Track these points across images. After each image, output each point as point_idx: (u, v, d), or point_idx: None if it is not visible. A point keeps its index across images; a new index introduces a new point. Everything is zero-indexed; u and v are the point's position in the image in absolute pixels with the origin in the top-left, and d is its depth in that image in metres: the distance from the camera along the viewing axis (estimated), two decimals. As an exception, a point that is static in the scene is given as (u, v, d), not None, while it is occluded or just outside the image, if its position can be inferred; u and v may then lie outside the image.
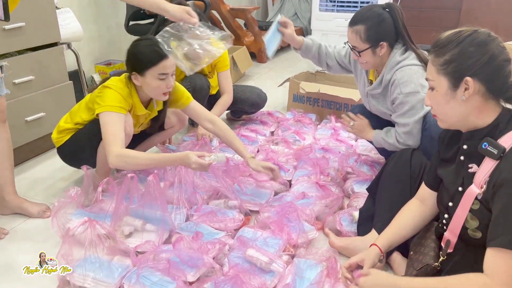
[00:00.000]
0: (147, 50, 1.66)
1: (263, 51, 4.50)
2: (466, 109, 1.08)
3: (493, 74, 1.04)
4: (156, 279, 1.30)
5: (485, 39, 1.05)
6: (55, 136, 1.85)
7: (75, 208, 1.66)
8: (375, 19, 1.67)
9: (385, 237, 1.30)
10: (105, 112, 1.65)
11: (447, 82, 1.07)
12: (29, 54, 2.17)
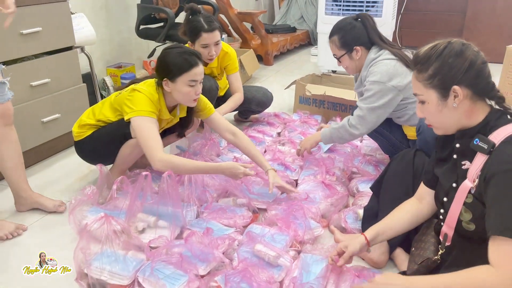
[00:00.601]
0: (179, 58, 1.74)
1: (270, 54, 4.57)
2: (458, 114, 1.15)
3: (476, 78, 1.12)
4: (169, 272, 1.37)
5: (461, 48, 1.12)
6: (76, 130, 1.91)
7: (90, 206, 1.73)
8: (346, 27, 1.93)
9: (374, 229, 1.36)
10: (139, 116, 1.72)
11: (436, 94, 1.15)
12: (46, 57, 2.26)
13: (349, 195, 1.95)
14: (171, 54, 1.76)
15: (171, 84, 1.77)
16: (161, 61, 1.78)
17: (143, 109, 1.72)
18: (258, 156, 1.92)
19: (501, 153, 1.07)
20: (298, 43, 5.27)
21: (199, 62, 1.77)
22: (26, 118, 2.16)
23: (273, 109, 3.15)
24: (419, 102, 1.20)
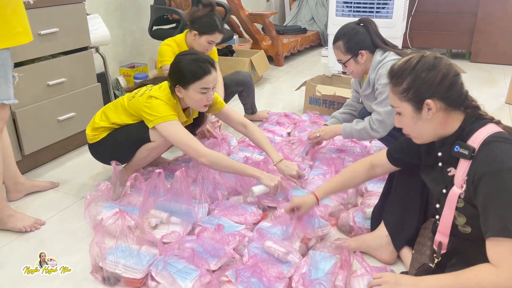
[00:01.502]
0: (193, 65, 1.77)
1: (280, 54, 4.60)
2: (433, 125, 1.20)
3: (448, 91, 1.16)
4: (181, 266, 1.41)
5: (433, 62, 1.17)
6: (90, 133, 1.96)
7: (105, 201, 1.78)
8: (350, 33, 1.99)
9: (324, 190, 1.59)
10: (166, 122, 1.77)
11: (411, 107, 1.20)
12: (62, 57, 2.31)
13: (357, 194, 1.97)
14: (184, 61, 1.80)
15: (184, 90, 1.81)
16: (174, 67, 1.82)
17: (167, 114, 1.77)
18: (268, 148, 1.98)
19: (483, 156, 1.11)
20: (308, 44, 5.29)
21: (212, 70, 1.80)
22: (42, 116, 2.22)
23: (283, 109, 3.19)
24: (396, 113, 1.26)
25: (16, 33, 1.57)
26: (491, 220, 1.06)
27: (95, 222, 1.70)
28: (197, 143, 1.78)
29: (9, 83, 1.60)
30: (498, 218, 1.05)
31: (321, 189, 1.59)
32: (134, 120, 1.88)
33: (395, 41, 3.97)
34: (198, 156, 1.76)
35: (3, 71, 1.56)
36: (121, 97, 1.96)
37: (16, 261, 1.59)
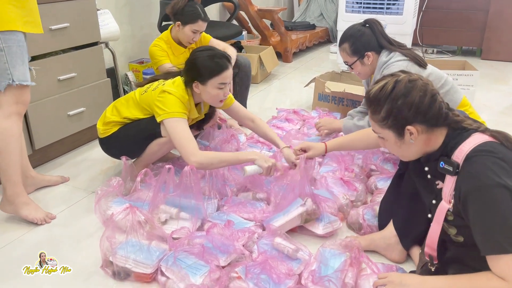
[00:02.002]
0: (210, 62, 1.79)
1: (289, 51, 4.59)
2: (417, 146, 1.22)
3: (427, 114, 1.16)
4: (191, 262, 1.41)
5: (407, 88, 1.17)
6: (101, 127, 1.96)
7: (115, 196, 1.79)
8: (355, 34, 1.99)
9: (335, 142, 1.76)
10: (172, 118, 1.77)
11: (393, 134, 1.22)
12: (72, 52, 2.32)
13: (367, 192, 1.97)
14: (202, 57, 1.81)
15: (201, 86, 1.82)
16: (191, 63, 1.83)
17: (175, 110, 1.77)
18: (274, 138, 2.02)
19: (466, 172, 1.10)
20: (317, 41, 5.27)
21: (229, 65, 1.82)
22: (53, 111, 2.24)
23: (291, 106, 3.18)
24: (380, 137, 1.27)
25: (26, 22, 1.61)
26: (482, 238, 1.07)
27: (105, 217, 1.71)
28: (192, 144, 1.74)
29: (25, 65, 1.63)
30: (488, 236, 1.05)
31: (332, 141, 1.71)
32: (146, 114, 1.88)
33: (405, 38, 3.95)
34: (188, 155, 1.72)
35: (19, 52, 1.60)
36: (133, 91, 1.96)
37: (28, 254, 1.60)
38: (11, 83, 1.60)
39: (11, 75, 1.59)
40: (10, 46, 1.57)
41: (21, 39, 1.61)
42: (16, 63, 1.59)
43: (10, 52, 1.57)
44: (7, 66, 1.58)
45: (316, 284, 1.34)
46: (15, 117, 1.66)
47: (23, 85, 1.64)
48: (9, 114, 1.64)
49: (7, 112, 1.63)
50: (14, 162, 1.68)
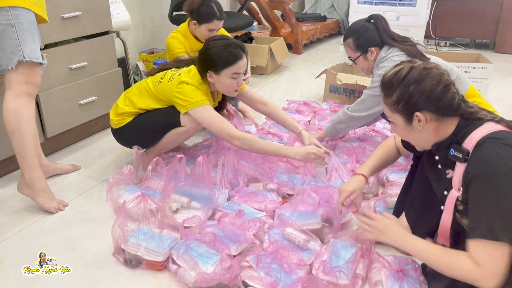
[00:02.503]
0: (225, 51, 1.79)
1: (299, 42, 4.56)
2: (426, 134, 1.22)
3: (438, 103, 1.16)
4: (202, 250, 1.42)
5: (421, 75, 1.17)
6: (114, 118, 1.96)
7: (126, 185, 1.80)
8: (359, 30, 2.01)
9: (369, 168, 1.56)
10: (199, 107, 1.80)
11: (402, 119, 1.22)
12: (84, 41, 2.32)
13: (378, 184, 1.96)
14: (216, 47, 1.81)
15: (215, 76, 1.83)
16: (206, 53, 1.83)
17: (199, 99, 1.80)
18: (289, 121, 2.04)
19: (475, 158, 1.10)
20: (328, 32, 5.23)
21: (244, 55, 1.82)
22: (64, 100, 2.24)
23: (301, 97, 3.16)
24: (391, 122, 1.28)
25: (35, 3, 1.61)
26: (477, 221, 1.08)
27: (116, 205, 1.72)
28: (230, 127, 1.82)
29: (36, 43, 1.63)
30: (484, 220, 1.06)
31: (366, 168, 1.55)
32: (162, 105, 1.88)
33: (418, 30, 3.92)
34: (232, 139, 1.80)
35: (30, 29, 1.60)
36: (144, 80, 1.95)
37: (40, 241, 1.62)
38: (21, 59, 1.59)
39: (22, 52, 1.59)
40: (21, 22, 1.57)
41: (32, 17, 1.60)
42: (26, 39, 1.59)
43: (21, 29, 1.57)
44: (18, 42, 1.58)
45: (327, 274, 1.34)
46: (26, 97, 1.65)
47: (34, 62, 1.63)
48: (19, 94, 1.63)
49: (18, 91, 1.63)
50: (28, 144, 1.67)
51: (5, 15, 1.54)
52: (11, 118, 1.63)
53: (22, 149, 1.66)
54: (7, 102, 1.63)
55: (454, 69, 1.99)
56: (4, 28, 1.56)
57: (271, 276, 1.32)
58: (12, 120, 1.63)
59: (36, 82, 1.69)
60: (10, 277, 1.44)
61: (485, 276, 1.05)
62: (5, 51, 1.59)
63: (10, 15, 1.55)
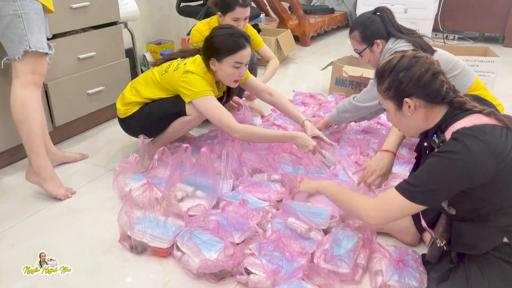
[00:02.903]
0: (229, 40, 1.81)
1: (307, 34, 4.55)
2: (416, 121, 1.28)
3: (426, 89, 1.22)
4: (206, 238, 1.45)
5: (410, 63, 1.24)
6: (121, 107, 1.99)
7: (133, 173, 1.83)
8: (365, 22, 2.01)
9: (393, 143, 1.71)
10: (203, 97, 1.82)
11: (393, 105, 1.29)
12: (92, 32, 2.35)
13: (382, 176, 1.97)
14: (220, 35, 1.82)
15: (217, 63, 1.84)
16: (210, 40, 1.84)
17: (203, 89, 1.81)
18: (293, 111, 2.05)
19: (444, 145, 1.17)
20: (335, 25, 5.21)
21: (247, 45, 1.83)
22: (72, 89, 2.28)
23: (308, 89, 3.17)
24: (385, 109, 1.34)
25: None
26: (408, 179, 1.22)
27: (123, 193, 1.75)
28: (231, 119, 1.83)
29: (42, 33, 1.65)
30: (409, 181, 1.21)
31: (391, 144, 1.70)
32: (168, 94, 1.90)
33: (425, 23, 3.89)
34: (231, 131, 1.83)
35: (36, 19, 1.62)
36: (150, 70, 1.98)
37: (49, 226, 1.66)
38: (28, 49, 1.62)
39: (28, 42, 1.61)
40: (28, 12, 1.59)
41: (38, 7, 1.62)
42: (33, 29, 1.61)
43: (28, 18, 1.59)
44: (25, 32, 1.60)
45: (328, 263, 1.37)
46: (32, 86, 1.68)
47: (40, 52, 1.66)
48: (26, 83, 1.66)
49: (24, 81, 1.66)
50: (35, 133, 1.70)
51: (12, 5, 1.57)
52: (18, 107, 1.66)
53: (29, 138, 1.70)
54: (14, 91, 1.66)
55: (460, 62, 1.99)
56: (11, 19, 1.58)
57: (273, 264, 1.35)
58: (20, 109, 1.66)
59: (42, 71, 1.71)
60: (19, 259, 1.48)
61: (373, 212, 1.27)
62: (12, 41, 1.61)
63: (18, 5, 1.57)
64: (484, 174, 1.10)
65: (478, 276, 1.14)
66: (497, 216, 1.14)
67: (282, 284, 1.29)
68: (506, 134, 1.14)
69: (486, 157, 1.09)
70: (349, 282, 1.38)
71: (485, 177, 1.11)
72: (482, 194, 1.14)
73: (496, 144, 1.10)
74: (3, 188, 1.90)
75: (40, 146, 1.74)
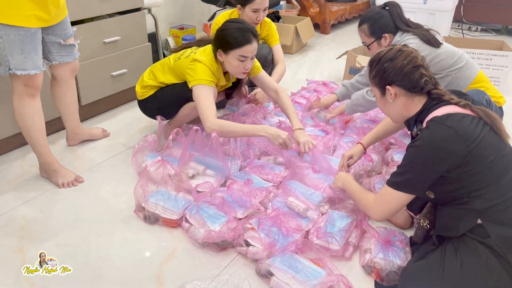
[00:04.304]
0: (235, 33, 1.89)
1: (327, 22, 4.60)
2: (398, 107, 1.43)
3: (405, 78, 1.37)
4: (212, 212, 1.60)
5: (395, 55, 1.39)
6: (139, 90, 2.15)
7: (150, 151, 1.99)
8: (374, 16, 2.10)
9: (368, 138, 1.85)
10: (199, 85, 1.92)
11: (378, 91, 1.46)
12: (118, 17, 2.50)
13: (383, 163, 2.07)
14: (229, 28, 1.92)
15: (224, 55, 1.94)
16: (219, 33, 1.95)
17: (203, 78, 1.91)
18: (292, 115, 2.08)
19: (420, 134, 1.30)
20: (357, 13, 5.22)
21: (254, 40, 1.91)
22: (98, 71, 2.44)
23: (322, 77, 3.25)
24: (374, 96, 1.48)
25: (29, 15, 1.61)
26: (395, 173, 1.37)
27: (140, 169, 1.92)
28: (211, 112, 1.86)
29: (25, 55, 1.65)
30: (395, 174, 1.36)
31: (365, 139, 1.85)
32: (180, 80, 2.03)
33: (445, 15, 3.90)
34: (205, 123, 1.85)
35: (18, 41, 1.62)
36: (168, 57, 2.11)
37: (72, 196, 1.85)
38: (8, 70, 1.66)
39: (9, 63, 1.65)
40: (8, 34, 1.60)
41: (20, 30, 1.61)
42: (13, 51, 1.63)
43: (8, 40, 1.61)
44: (5, 53, 1.63)
45: (319, 239, 1.50)
46: (27, 98, 1.75)
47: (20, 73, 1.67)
48: (20, 95, 1.76)
49: (19, 93, 1.75)
50: (35, 138, 1.83)
51: None
52: (17, 117, 1.79)
53: (30, 141, 1.85)
54: (13, 102, 1.77)
55: (464, 55, 2.06)
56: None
57: (270, 238, 1.49)
58: (17, 119, 1.79)
59: (35, 85, 1.75)
60: (44, 222, 1.67)
61: (374, 209, 1.42)
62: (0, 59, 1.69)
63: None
64: (455, 157, 1.22)
65: (452, 254, 1.25)
66: (471, 199, 1.25)
67: (276, 256, 1.42)
68: (477, 123, 1.26)
69: (454, 141, 1.22)
70: (339, 258, 1.51)
71: (457, 160, 1.22)
72: (456, 177, 1.25)
73: (464, 129, 1.23)
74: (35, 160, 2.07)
75: (42, 147, 1.88)
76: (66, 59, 1.91)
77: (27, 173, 2.00)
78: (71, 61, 1.93)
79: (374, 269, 1.44)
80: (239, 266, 1.49)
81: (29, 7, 1.61)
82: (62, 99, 2.06)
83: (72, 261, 1.49)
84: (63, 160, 2.04)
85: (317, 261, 1.43)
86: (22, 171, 2.02)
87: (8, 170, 2.02)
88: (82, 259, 1.50)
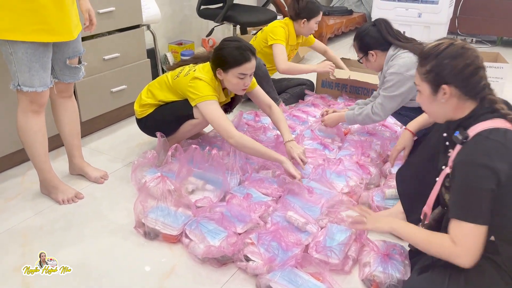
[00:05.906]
0: (235, 52, 1.93)
1: (324, 36, 4.65)
2: (446, 109, 1.30)
3: (465, 81, 1.24)
4: (212, 227, 1.61)
5: (458, 51, 1.24)
6: (138, 109, 2.17)
7: (149, 167, 2.00)
8: (361, 34, 2.17)
9: (417, 125, 1.81)
10: (206, 101, 1.95)
11: (429, 88, 1.30)
12: (117, 34, 2.53)
13: (381, 176, 2.09)
14: (228, 47, 1.95)
15: (224, 74, 1.98)
16: (218, 52, 1.98)
17: (207, 94, 1.95)
18: (283, 128, 2.13)
19: (468, 145, 1.21)
20: (353, 26, 5.28)
21: (252, 58, 1.95)
22: (98, 87, 2.47)
23: (320, 91, 3.27)
24: (417, 90, 1.37)
25: (34, 30, 1.61)
26: (454, 203, 1.21)
27: (139, 184, 1.93)
28: (229, 124, 1.93)
29: (32, 72, 1.66)
30: (459, 202, 1.20)
31: (414, 125, 1.82)
32: (179, 98, 2.06)
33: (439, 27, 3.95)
34: (228, 136, 1.92)
35: (26, 59, 1.64)
36: (165, 75, 2.14)
37: (72, 211, 1.85)
38: (17, 86, 1.69)
39: (18, 79, 1.67)
40: (16, 51, 1.62)
41: (28, 47, 1.62)
42: (22, 69, 1.65)
43: (17, 58, 1.63)
44: (15, 69, 1.66)
45: (319, 253, 1.51)
46: (31, 114, 1.76)
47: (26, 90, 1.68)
48: (25, 111, 1.77)
49: (24, 108, 1.76)
50: (36, 154, 1.84)
51: (5, 45, 1.64)
52: (19, 132, 1.80)
53: (31, 157, 1.86)
54: (17, 117, 1.79)
55: None
56: (7, 56, 1.67)
57: (269, 252, 1.50)
58: (20, 134, 1.81)
59: (40, 102, 1.76)
60: (45, 238, 1.68)
61: (461, 254, 1.18)
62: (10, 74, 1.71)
63: (8, 45, 1.63)
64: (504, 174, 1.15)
65: (458, 269, 1.21)
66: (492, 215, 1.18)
67: (276, 271, 1.43)
68: None
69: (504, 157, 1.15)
70: (339, 272, 1.52)
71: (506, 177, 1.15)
72: None
73: None
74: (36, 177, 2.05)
75: (43, 163, 1.88)
76: (68, 79, 1.89)
77: (27, 190, 2.01)
78: (72, 81, 1.93)
79: (373, 282, 1.45)
80: (239, 281, 1.50)
81: (36, 21, 1.61)
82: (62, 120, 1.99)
83: (72, 277, 1.50)
84: (63, 177, 2.05)
85: (317, 275, 1.44)
86: (22, 188, 2.03)
87: (8, 187, 2.03)
88: (82, 275, 1.51)
